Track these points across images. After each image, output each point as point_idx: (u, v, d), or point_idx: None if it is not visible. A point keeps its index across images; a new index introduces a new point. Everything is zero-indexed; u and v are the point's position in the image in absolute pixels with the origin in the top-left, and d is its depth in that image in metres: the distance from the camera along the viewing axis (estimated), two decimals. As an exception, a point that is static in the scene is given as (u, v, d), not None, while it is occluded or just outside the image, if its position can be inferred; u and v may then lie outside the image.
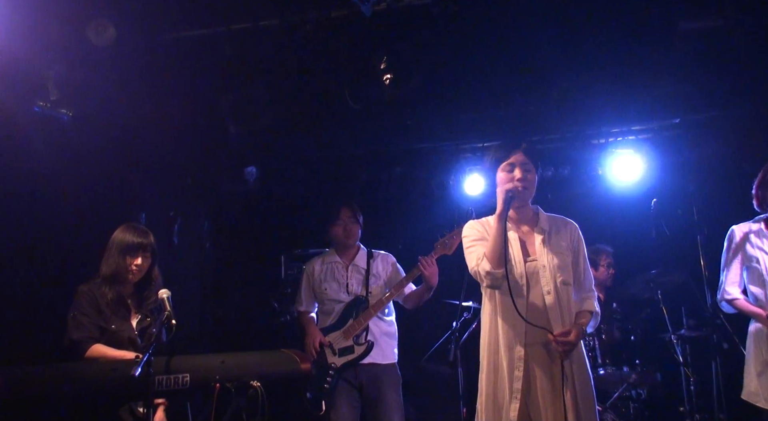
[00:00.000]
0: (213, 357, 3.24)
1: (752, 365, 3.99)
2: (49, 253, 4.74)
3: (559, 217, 3.37)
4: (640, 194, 5.73)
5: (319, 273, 4.78)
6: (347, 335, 4.55)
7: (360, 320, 4.56)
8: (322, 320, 4.73)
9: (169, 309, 3.13)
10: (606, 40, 4.50)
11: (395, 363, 4.66)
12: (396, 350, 4.71)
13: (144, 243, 3.64)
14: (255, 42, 4.44)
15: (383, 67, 4.47)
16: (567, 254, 3.21)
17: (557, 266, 3.16)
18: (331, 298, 4.70)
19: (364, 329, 4.55)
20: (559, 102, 5.33)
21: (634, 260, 5.84)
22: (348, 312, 4.64)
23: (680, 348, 5.20)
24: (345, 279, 4.73)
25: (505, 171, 3.20)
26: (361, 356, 4.52)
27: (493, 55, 4.70)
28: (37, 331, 4.50)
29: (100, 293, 3.56)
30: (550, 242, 3.21)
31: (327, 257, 4.85)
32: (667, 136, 5.93)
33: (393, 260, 4.91)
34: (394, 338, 4.73)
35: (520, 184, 3.15)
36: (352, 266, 4.76)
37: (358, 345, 4.54)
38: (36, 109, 4.53)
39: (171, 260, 5.61)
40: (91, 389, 2.98)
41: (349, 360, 4.52)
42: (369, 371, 4.55)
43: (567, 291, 3.16)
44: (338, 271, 4.76)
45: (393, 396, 4.53)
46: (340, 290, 4.70)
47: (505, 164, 3.20)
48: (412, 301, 4.72)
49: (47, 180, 4.65)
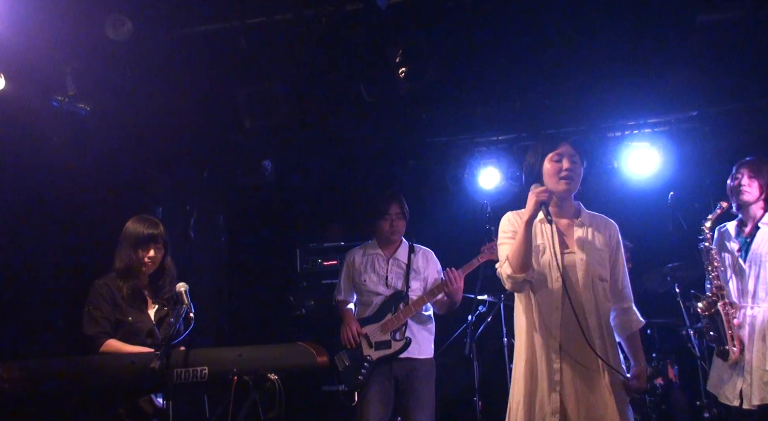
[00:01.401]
0: (231, 350, 3.27)
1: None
2: (67, 247, 4.78)
3: (600, 215, 3.33)
4: (657, 188, 5.69)
5: (360, 264, 4.77)
6: (385, 329, 4.56)
7: (399, 316, 4.55)
8: (360, 312, 4.73)
9: (187, 302, 3.15)
10: (622, 32, 4.47)
11: (432, 358, 4.66)
12: (433, 344, 4.71)
13: (155, 234, 3.63)
14: (270, 36, 4.45)
15: (398, 61, 4.47)
16: (605, 251, 3.19)
17: (594, 260, 3.13)
18: (369, 289, 4.69)
19: (402, 324, 4.56)
20: (575, 95, 5.31)
21: (651, 253, 5.80)
22: (387, 306, 4.63)
23: (697, 342, 5.17)
24: (385, 272, 4.72)
25: (554, 161, 3.17)
26: (398, 352, 4.52)
27: (508, 48, 4.68)
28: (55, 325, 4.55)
29: (115, 287, 3.57)
30: (589, 237, 3.19)
31: (369, 248, 4.84)
32: (684, 128, 5.88)
33: (434, 257, 4.89)
34: (431, 332, 4.72)
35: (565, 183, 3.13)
36: (393, 260, 4.75)
37: (396, 341, 4.54)
38: (54, 104, 4.57)
39: (187, 254, 5.66)
40: (110, 381, 3.01)
41: (386, 355, 4.53)
42: (405, 365, 4.54)
43: (603, 287, 3.14)
44: (378, 263, 4.75)
45: (426, 391, 4.52)
46: (379, 283, 4.69)
47: (553, 154, 3.17)
48: (441, 309, 4.72)
49: (65, 174, 4.70)
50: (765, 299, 3.90)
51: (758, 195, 4.00)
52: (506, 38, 4.56)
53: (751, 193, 4.01)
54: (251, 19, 4.36)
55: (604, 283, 3.14)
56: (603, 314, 3.11)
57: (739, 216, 4.15)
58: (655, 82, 5.13)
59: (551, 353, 3.06)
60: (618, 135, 6.02)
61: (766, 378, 3.79)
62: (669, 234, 5.07)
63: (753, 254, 3.97)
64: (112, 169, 5.03)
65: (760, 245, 3.95)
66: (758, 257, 3.95)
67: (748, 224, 4.07)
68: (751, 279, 3.97)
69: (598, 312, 3.08)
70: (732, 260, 4.11)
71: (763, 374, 3.81)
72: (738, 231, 4.14)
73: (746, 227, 4.08)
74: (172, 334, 3.03)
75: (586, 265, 3.10)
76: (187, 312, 3.10)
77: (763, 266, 3.92)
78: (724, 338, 3.99)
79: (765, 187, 3.99)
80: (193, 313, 3.11)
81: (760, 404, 3.79)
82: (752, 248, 3.98)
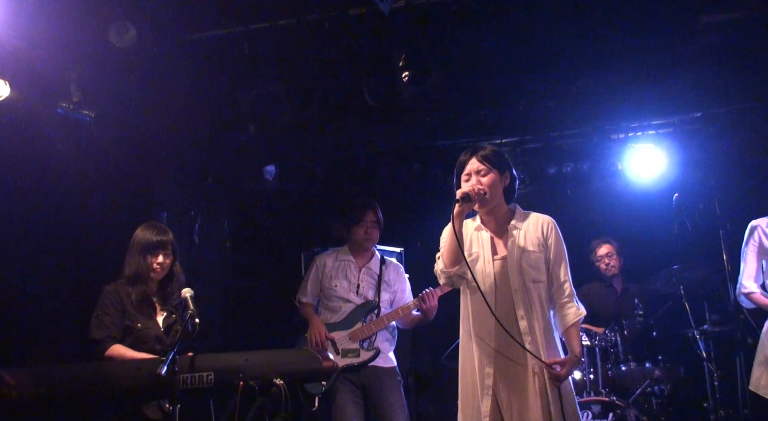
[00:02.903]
0: (237, 355, 3.27)
1: (760, 356, 4.07)
2: (73, 253, 4.79)
3: (535, 214, 3.37)
4: (661, 189, 5.68)
5: (331, 268, 4.73)
6: (354, 337, 4.53)
7: (370, 326, 4.53)
8: (325, 316, 4.66)
9: (193, 308, 3.17)
10: (626, 33, 4.47)
11: (395, 367, 4.66)
12: (394, 354, 4.70)
13: (164, 241, 3.66)
14: (274, 41, 4.46)
15: (402, 65, 4.47)
16: (538, 252, 3.23)
17: (526, 263, 3.19)
18: (339, 295, 4.65)
19: (372, 334, 4.55)
20: (578, 97, 5.31)
21: (656, 255, 5.79)
22: (357, 315, 4.61)
23: (703, 344, 5.16)
24: (356, 280, 4.70)
25: (465, 182, 3.27)
26: (367, 362, 4.51)
27: (512, 51, 4.68)
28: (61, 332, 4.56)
29: (124, 293, 3.59)
30: (520, 241, 3.24)
31: (341, 253, 4.81)
32: (688, 130, 5.87)
33: (402, 270, 4.91)
34: (393, 343, 4.71)
35: (473, 189, 3.18)
36: (365, 269, 4.74)
37: (365, 350, 4.52)
38: (59, 111, 4.59)
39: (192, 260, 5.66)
40: (116, 388, 3.01)
41: (353, 364, 4.50)
42: (371, 373, 4.53)
43: (537, 288, 3.19)
44: (350, 270, 4.72)
45: (397, 397, 4.51)
46: (350, 290, 4.66)
47: (464, 175, 3.29)
48: (407, 324, 4.72)
49: (70, 181, 4.71)
50: None
51: None
52: (509, 41, 4.57)
53: None
54: (254, 25, 4.37)
55: (538, 284, 3.20)
56: (537, 316, 3.15)
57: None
58: (659, 84, 5.12)
59: (484, 358, 3.15)
60: (622, 137, 6.01)
61: None
62: (674, 236, 5.06)
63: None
64: (117, 176, 5.04)
65: None
66: None
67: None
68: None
69: (530, 315, 3.14)
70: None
71: None
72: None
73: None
74: (178, 339, 3.04)
75: (518, 269, 3.17)
76: (192, 318, 3.12)
77: None
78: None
79: None
80: (199, 318, 3.12)
81: None
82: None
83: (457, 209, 3.14)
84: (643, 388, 5.12)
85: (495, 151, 3.31)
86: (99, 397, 3.02)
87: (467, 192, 3.15)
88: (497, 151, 3.33)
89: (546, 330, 3.17)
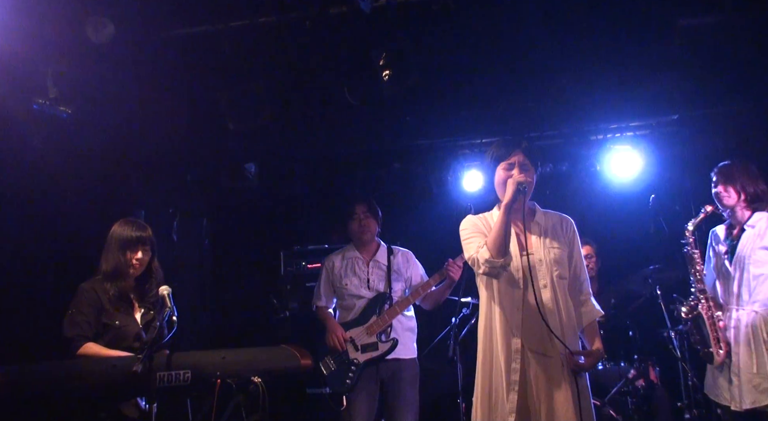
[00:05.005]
0: (214, 353, 3.25)
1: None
2: (48, 250, 4.74)
3: (555, 213, 3.43)
4: (639, 190, 5.74)
5: (339, 268, 4.78)
6: (370, 331, 4.57)
7: (384, 317, 4.58)
8: (342, 316, 4.73)
9: (170, 306, 3.15)
10: (604, 36, 4.50)
11: (416, 358, 4.71)
12: (415, 344, 4.75)
13: (143, 237, 3.64)
14: (253, 39, 4.44)
15: (382, 64, 4.47)
16: (563, 249, 3.28)
17: (553, 260, 3.23)
18: (352, 293, 4.71)
19: (388, 326, 4.57)
20: (558, 98, 5.34)
21: (633, 255, 5.85)
22: (371, 308, 4.64)
23: (678, 344, 5.21)
24: (366, 274, 4.74)
25: (504, 170, 3.25)
26: (386, 354, 4.55)
27: (492, 51, 4.70)
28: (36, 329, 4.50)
29: (101, 290, 3.56)
30: (547, 237, 3.27)
31: (347, 252, 4.85)
32: (665, 132, 5.93)
33: (413, 256, 4.94)
34: (414, 332, 4.77)
35: (526, 181, 3.16)
36: (373, 262, 4.78)
37: (383, 342, 4.56)
38: (35, 106, 4.53)
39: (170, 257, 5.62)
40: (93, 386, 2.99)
41: (373, 357, 4.54)
42: (391, 366, 4.58)
43: (563, 285, 3.24)
44: (359, 266, 4.77)
45: (411, 392, 4.57)
46: (361, 286, 4.71)
47: (504, 163, 3.26)
48: (430, 301, 4.79)
49: (46, 178, 4.66)
50: (749, 302, 3.94)
51: (737, 198, 4.05)
52: (490, 42, 4.58)
53: (729, 197, 4.06)
54: (234, 22, 4.34)
55: (563, 281, 3.25)
56: (564, 312, 3.20)
57: (728, 220, 4.20)
58: (637, 86, 5.17)
59: (511, 353, 3.14)
60: (600, 138, 6.06)
61: (755, 382, 3.82)
62: (650, 236, 5.11)
63: (738, 257, 4.01)
64: (95, 172, 5.00)
65: (744, 247, 3.99)
66: (742, 259, 3.99)
67: (737, 226, 4.12)
68: (736, 281, 4.00)
69: (559, 311, 3.18)
70: (718, 262, 4.16)
71: (751, 378, 3.84)
72: (727, 234, 4.19)
73: (734, 230, 4.13)
74: (155, 337, 3.02)
75: (546, 266, 3.20)
76: (170, 315, 3.10)
77: (746, 268, 3.96)
78: (708, 341, 4.03)
79: (741, 189, 4.03)
80: (176, 316, 3.11)
81: (750, 407, 3.83)
82: (737, 250, 4.02)
83: (512, 198, 3.10)
84: (618, 387, 5.16)
85: (534, 146, 3.35)
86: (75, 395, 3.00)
87: (524, 183, 3.12)
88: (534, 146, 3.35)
89: (570, 326, 3.22)
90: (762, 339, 3.85)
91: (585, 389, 3.17)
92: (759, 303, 3.89)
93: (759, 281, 3.91)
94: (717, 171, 4.16)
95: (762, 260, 3.92)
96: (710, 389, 4.18)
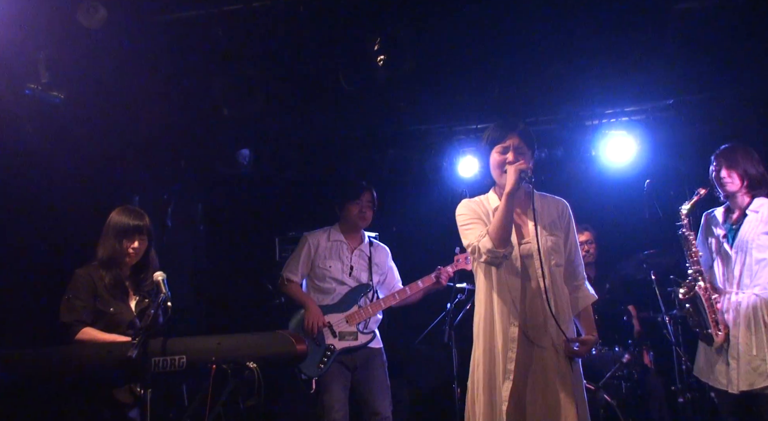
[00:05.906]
0: (209, 339, 3.26)
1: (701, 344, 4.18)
2: (42, 237, 4.73)
3: (551, 196, 3.40)
4: (634, 175, 5.73)
5: (324, 249, 4.73)
6: (351, 320, 4.57)
7: (368, 309, 4.59)
8: (317, 297, 4.67)
9: (165, 291, 3.15)
10: (600, 20, 4.48)
11: (382, 347, 4.74)
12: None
13: (140, 225, 3.63)
14: (247, 24, 4.40)
15: (376, 49, 4.45)
16: (559, 236, 3.27)
17: (550, 248, 3.22)
18: (333, 277, 4.68)
19: (369, 317, 4.59)
20: (553, 83, 5.32)
21: (628, 241, 5.86)
22: (353, 297, 4.64)
23: (672, 328, 5.24)
24: (349, 261, 4.72)
25: (499, 153, 3.22)
26: (364, 345, 4.57)
27: (487, 36, 4.68)
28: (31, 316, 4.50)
29: (97, 277, 3.55)
30: (543, 224, 3.24)
31: (333, 234, 4.80)
32: (660, 117, 5.92)
33: (389, 253, 4.97)
34: (379, 323, 4.81)
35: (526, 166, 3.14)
36: (358, 251, 4.77)
37: (363, 333, 4.59)
38: (27, 92, 4.48)
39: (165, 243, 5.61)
40: (87, 370, 2.99)
41: (352, 347, 4.55)
42: (363, 354, 4.62)
43: (559, 272, 3.24)
44: (343, 252, 4.74)
45: (383, 377, 4.62)
46: (344, 272, 4.69)
47: (499, 147, 3.22)
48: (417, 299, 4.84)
49: (39, 163, 4.63)
50: (750, 286, 3.94)
51: (740, 184, 4.03)
52: (484, 27, 4.56)
53: (733, 183, 4.04)
54: (228, 6, 4.31)
55: (560, 268, 3.25)
56: (560, 299, 3.20)
57: (726, 203, 4.19)
58: (632, 71, 5.15)
59: (508, 341, 3.13)
60: (595, 123, 6.04)
61: (754, 364, 3.84)
62: (645, 221, 5.12)
63: (740, 241, 4.01)
64: (88, 158, 4.97)
65: (747, 232, 3.98)
66: (745, 243, 3.98)
67: (736, 211, 4.11)
68: (737, 265, 4.00)
69: (555, 299, 3.16)
70: (717, 245, 4.15)
71: (751, 360, 3.85)
72: (725, 217, 4.17)
73: (734, 214, 4.12)
74: (150, 323, 3.02)
75: (543, 254, 3.17)
76: (165, 301, 3.10)
77: (749, 252, 3.96)
78: (707, 322, 4.04)
79: (744, 175, 4.02)
80: (171, 302, 3.11)
81: (746, 389, 3.84)
82: (739, 234, 4.01)
83: (514, 187, 3.06)
84: (612, 372, 5.19)
85: (530, 130, 3.29)
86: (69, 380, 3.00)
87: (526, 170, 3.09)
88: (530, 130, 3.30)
89: (566, 313, 3.22)
90: (762, 321, 3.86)
91: (579, 375, 3.19)
92: (760, 286, 3.91)
93: (761, 266, 3.92)
94: (719, 155, 4.12)
95: (765, 245, 3.92)
96: (702, 371, 4.19)
